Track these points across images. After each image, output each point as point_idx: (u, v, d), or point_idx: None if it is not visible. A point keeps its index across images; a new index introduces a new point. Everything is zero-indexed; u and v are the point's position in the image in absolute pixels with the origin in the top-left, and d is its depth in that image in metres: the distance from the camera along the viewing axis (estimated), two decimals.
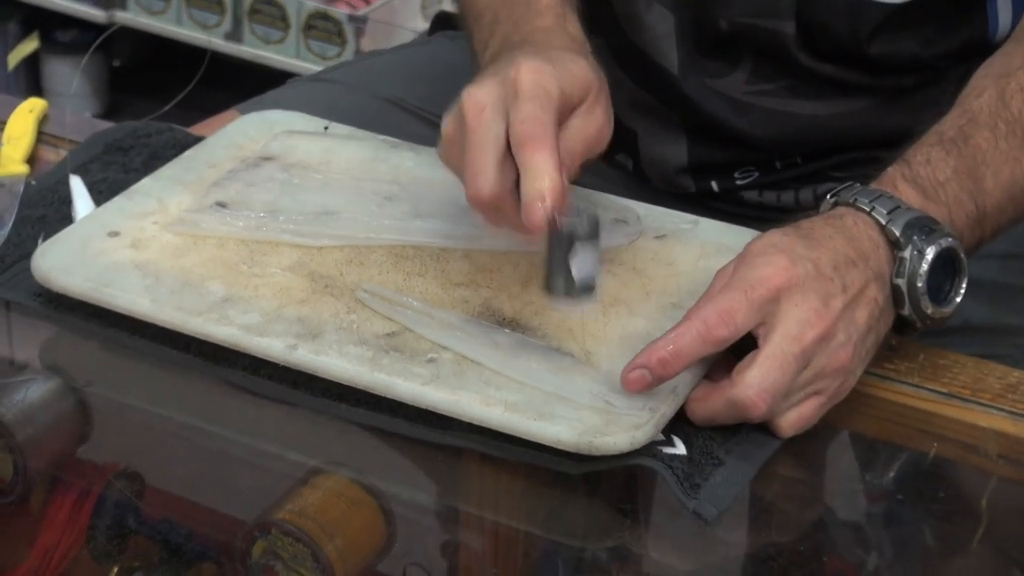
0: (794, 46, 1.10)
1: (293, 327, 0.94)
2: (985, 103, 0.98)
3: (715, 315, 0.87)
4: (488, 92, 0.92)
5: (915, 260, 0.91)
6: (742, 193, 1.17)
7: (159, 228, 1.02)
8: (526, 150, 0.90)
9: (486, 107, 0.91)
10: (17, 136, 1.14)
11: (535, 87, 0.91)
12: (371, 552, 0.87)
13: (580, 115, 0.94)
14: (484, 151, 0.90)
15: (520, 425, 0.88)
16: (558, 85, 0.92)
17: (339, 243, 1.01)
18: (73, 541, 0.85)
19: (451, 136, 0.94)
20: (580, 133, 0.94)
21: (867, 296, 0.90)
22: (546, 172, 0.89)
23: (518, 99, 0.91)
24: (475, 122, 0.91)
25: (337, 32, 2.56)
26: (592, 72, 0.96)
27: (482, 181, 0.90)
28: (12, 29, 2.83)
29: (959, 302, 0.94)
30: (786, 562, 0.85)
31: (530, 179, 0.89)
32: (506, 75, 0.92)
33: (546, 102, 0.91)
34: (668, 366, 0.87)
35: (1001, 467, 0.93)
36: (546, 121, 0.90)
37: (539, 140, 0.89)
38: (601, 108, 0.96)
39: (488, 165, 0.90)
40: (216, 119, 1.21)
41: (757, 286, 0.88)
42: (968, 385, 0.96)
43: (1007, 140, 0.97)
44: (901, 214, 0.92)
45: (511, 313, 0.96)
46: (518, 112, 0.90)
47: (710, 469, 0.87)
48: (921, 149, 0.96)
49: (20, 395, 0.95)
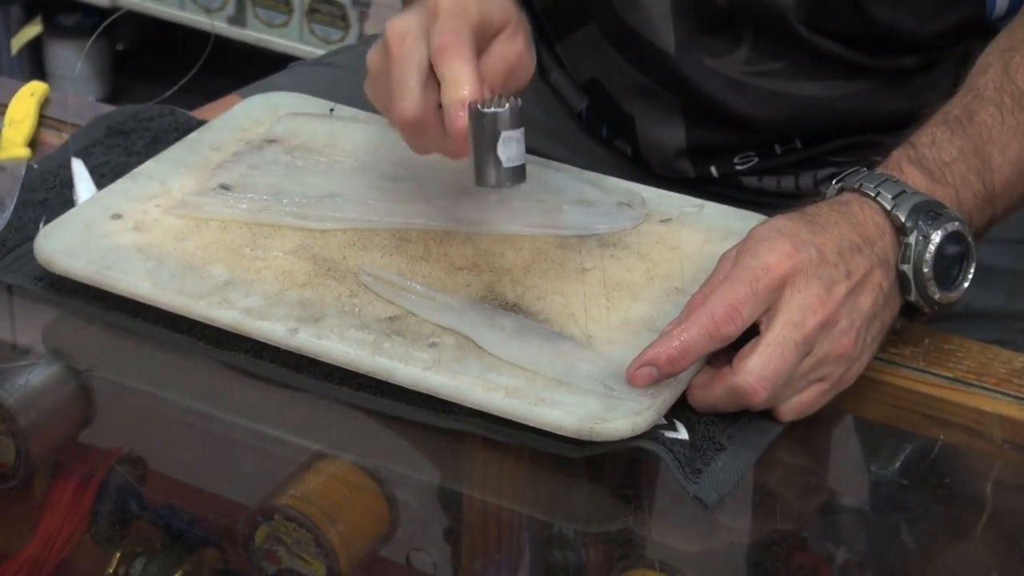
0: (794, 18, 1.09)
1: (295, 311, 0.94)
2: (990, 79, 0.98)
3: (722, 311, 0.87)
4: (409, 19, 0.93)
5: (921, 245, 0.91)
6: (742, 178, 1.17)
7: (162, 211, 1.02)
8: (443, 59, 0.91)
9: (408, 32, 0.93)
10: (19, 119, 1.14)
11: (453, 6, 0.93)
12: (374, 537, 0.87)
13: (501, 41, 0.95)
14: (407, 74, 0.92)
15: (521, 410, 0.88)
16: (476, 8, 0.93)
17: (342, 226, 1.01)
18: (75, 526, 0.85)
19: (376, 67, 0.96)
20: (501, 56, 0.95)
21: (871, 282, 0.90)
22: (464, 78, 0.90)
23: (437, 20, 0.92)
24: (397, 48, 0.93)
25: (341, 16, 2.55)
26: (512, 4, 0.97)
27: (406, 102, 0.92)
28: (15, 13, 2.83)
29: (967, 287, 0.93)
30: (789, 547, 0.85)
31: (449, 87, 0.91)
32: (427, 3, 0.93)
33: (463, 18, 0.92)
34: (676, 363, 0.87)
35: (1006, 452, 0.92)
36: (463, 32, 0.92)
37: (455, 49, 0.91)
38: (522, 36, 0.97)
39: (411, 85, 0.92)
40: (218, 103, 1.21)
41: (762, 276, 0.87)
42: (973, 370, 0.96)
43: (1013, 114, 0.96)
44: (907, 198, 0.91)
45: (514, 297, 0.96)
46: (435, 27, 0.92)
47: (712, 454, 0.87)
48: (926, 130, 0.96)
49: (22, 380, 0.95)
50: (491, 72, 0.94)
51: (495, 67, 0.94)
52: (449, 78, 0.91)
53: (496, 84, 0.94)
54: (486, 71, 0.93)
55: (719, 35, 1.12)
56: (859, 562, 0.86)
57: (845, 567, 0.86)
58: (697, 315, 0.87)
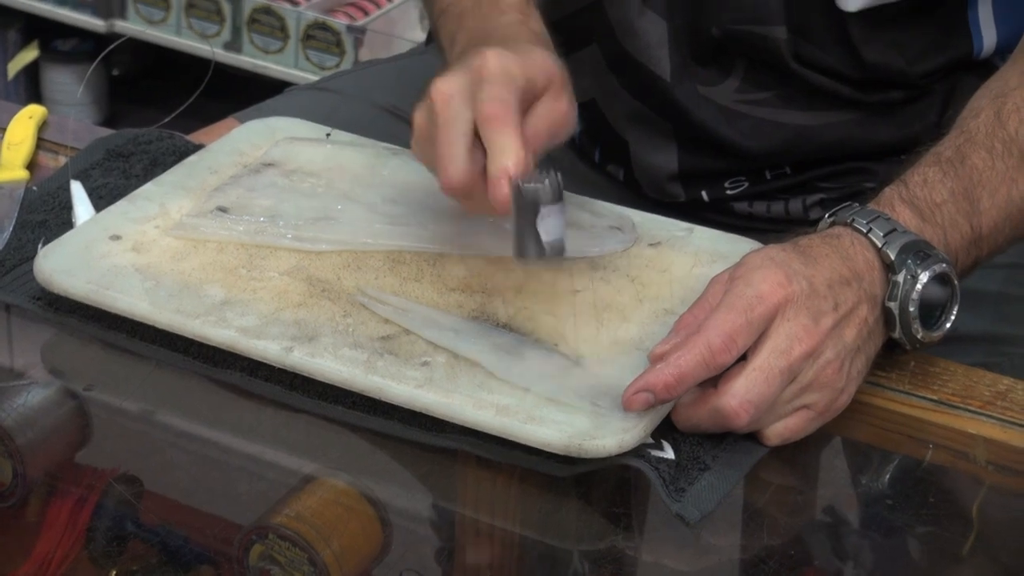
0: (786, 52, 1.11)
1: (290, 330, 0.94)
2: (982, 123, 0.98)
3: (719, 340, 0.87)
4: (455, 81, 0.93)
5: (908, 284, 0.92)
6: (732, 203, 1.18)
7: (160, 232, 1.03)
8: (489, 128, 0.92)
9: (453, 95, 0.93)
10: (17, 142, 1.15)
11: (499, 71, 0.93)
12: (367, 556, 0.87)
13: (545, 101, 0.96)
14: (453, 139, 0.92)
15: (511, 428, 0.88)
16: (522, 71, 0.94)
17: (337, 248, 1.02)
18: (72, 545, 0.85)
19: (422, 128, 0.96)
20: (545, 117, 0.95)
21: (858, 315, 0.91)
22: (510, 149, 0.91)
23: (483, 83, 0.93)
24: (443, 111, 0.93)
25: (336, 42, 2.56)
26: (555, 62, 0.98)
27: (453, 168, 0.92)
28: (12, 38, 2.83)
29: (948, 327, 0.94)
30: (776, 566, 0.86)
31: (495, 156, 0.91)
32: (471, 64, 0.94)
33: (509, 84, 0.93)
34: (672, 390, 0.87)
35: (990, 473, 0.93)
36: (509, 100, 0.92)
37: (502, 118, 0.91)
38: (565, 95, 0.97)
39: (458, 152, 0.92)
40: (215, 127, 1.21)
41: (756, 305, 0.88)
42: (958, 392, 0.96)
43: (1004, 160, 0.97)
44: (897, 237, 0.92)
45: (505, 318, 0.96)
46: (482, 93, 0.92)
47: (696, 473, 0.88)
48: (919, 170, 0.97)
49: (19, 400, 0.95)
50: (535, 133, 0.94)
51: (539, 128, 0.95)
52: (495, 148, 0.91)
53: (540, 144, 0.95)
54: (530, 132, 0.93)
55: (711, 64, 1.14)
56: None
57: None
58: (694, 343, 0.88)
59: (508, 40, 1.00)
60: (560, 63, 0.98)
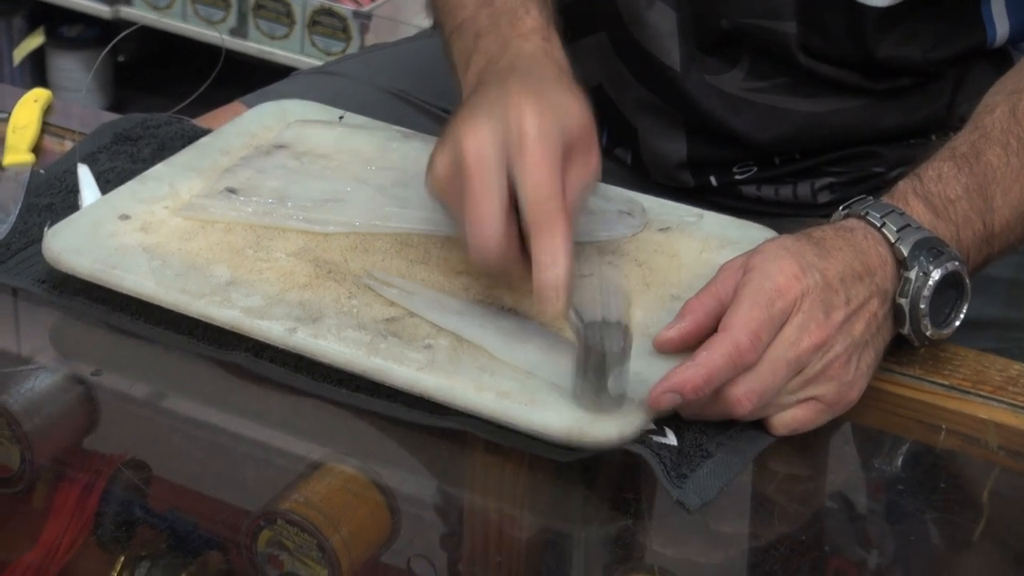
0: (795, 47, 1.11)
1: (294, 311, 0.94)
2: (997, 119, 0.98)
3: (747, 339, 0.87)
4: (488, 138, 0.90)
5: (920, 281, 0.91)
6: (741, 187, 1.18)
7: (169, 212, 1.03)
8: (541, 234, 0.88)
9: (488, 157, 0.89)
10: (22, 125, 1.15)
11: (539, 136, 0.89)
12: (376, 542, 0.87)
13: (577, 159, 0.92)
14: (489, 210, 0.89)
15: (512, 413, 0.88)
16: (560, 131, 0.90)
17: (345, 230, 1.01)
18: (80, 531, 0.85)
19: (446, 176, 0.92)
20: (578, 180, 0.92)
21: (868, 310, 0.91)
22: (560, 260, 0.88)
23: (524, 158, 0.89)
24: (477, 173, 0.89)
25: (342, 28, 2.56)
26: (585, 112, 0.94)
27: (490, 243, 0.89)
28: (18, 24, 2.84)
29: (957, 326, 0.94)
30: (787, 552, 0.86)
31: (544, 266, 0.88)
32: (506, 118, 0.90)
33: (552, 155, 0.89)
34: (700, 391, 0.87)
35: (1002, 458, 0.93)
36: (558, 191, 0.88)
37: (554, 224, 0.88)
38: (595, 148, 0.94)
39: (495, 224, 0.89)
40: (223, 110, 1.21)
41: (776, 299, 0.88)
42: (969, 377, 0.96)
43: (1018, 156, 0.97)
44: (911, 233, 0.92)
45: (511, 302, 0.96)
46: (529, 178, 0.88)
47: (698, 460, 0.87)
48: (933, 164, 0.96)
49: (27, 385, 0.95)
50: (568, 197, 0.90)
51: (573, 195, 0.91)
52: (543, 256, 0.87)
53: (577, 208, 0.91)
54: (568, 201, 0.89)
55: (718, 54, 1.13)
56: (857, 567, 0.87)
57: (842, 572, 0.87)
58: (721, 342, 0.87)
59: (532, 74, 0.96)
60: (589, 110, 0.94)
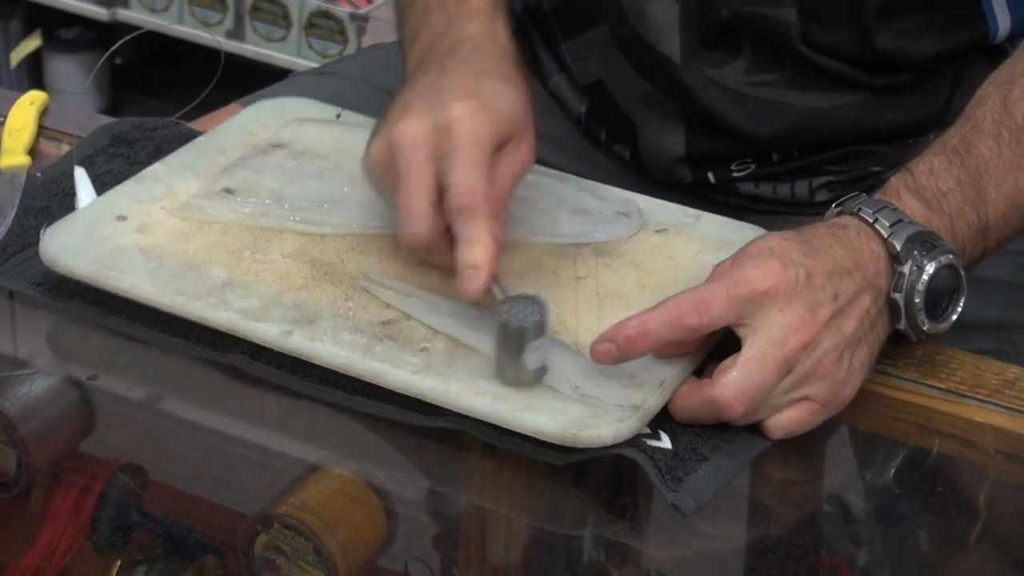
0: (796, 36, 1.10)
1: (290, 313, 0.94)
2: (989, 110, 0.98)
3: (689, 303, 0.88)
4: (419, 129, 0.94)
5: (914, 275, 0.91)
6: (738, 185, 1.18)
7: (166, 213, 1.02)
8: (462, 219, 0.92)
9: (418, 147, 0.93)
10: (18, 128, 1.15)
11: (469, 137, 0.93)
12: (373, 545, 0.87)
13: (508, 152, 0.96)
14: (418, 196, 0.93)
15: (507, 415, 0.88)
16: (490, 131, 0.94)
17: (342, 231, 1.01)
18: (76, 535, 0.85)
19: (381, 163, 0.96)
20: (508, 171, 0.96)
21: (859, 306, 0.91)
22: (480, 241, 0.91)
23: (453, 156, 0.93)
24: (408, 165, 0.93)
25: (339, 30, 2.56)
26: (519, 103, 0.97)
27: (419, 227, 0.93)
28: (15, 27, 2.83)
29: (954, 319, 0.94)
30: (783, 556, 0.86)
31: (465, 247, 0.91)
32: (438, 117, 0.94)
33: (480, 160, 0.93)
34: (634, 344, 0.88)
35: (998, 462, 0.93)
36: (480, 187, 0.92)
37: (474, 209, 0.92)
38: (527, 140, 0.97)
39: (422, 210, 0.93)
40: (220, 112, 1.21)
41: (741, 284, 0.88)
42: (966, 381, 0.96)
43: (1010, 147, 0.97)
44: (903, 227, 0.92)
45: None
46: (454, 176, 0.92)
47: (693, 464, 0.87)
48: (925, 158, 0.96)
49: (23, 389, 0.95)
50: (499, 190, 0.95)
51: (503, 185, 0.95)
52: (465, 239, 0.91)
53: (505, 199, 0.95)
54: (494, 187, 0.94)
55: (719, 46, 1.13)
56: (853, 571, 0.87)
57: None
58: (665, 304, 0.88)
59: (470, 60, 1.00)
60: (523, 93, 0.98)
